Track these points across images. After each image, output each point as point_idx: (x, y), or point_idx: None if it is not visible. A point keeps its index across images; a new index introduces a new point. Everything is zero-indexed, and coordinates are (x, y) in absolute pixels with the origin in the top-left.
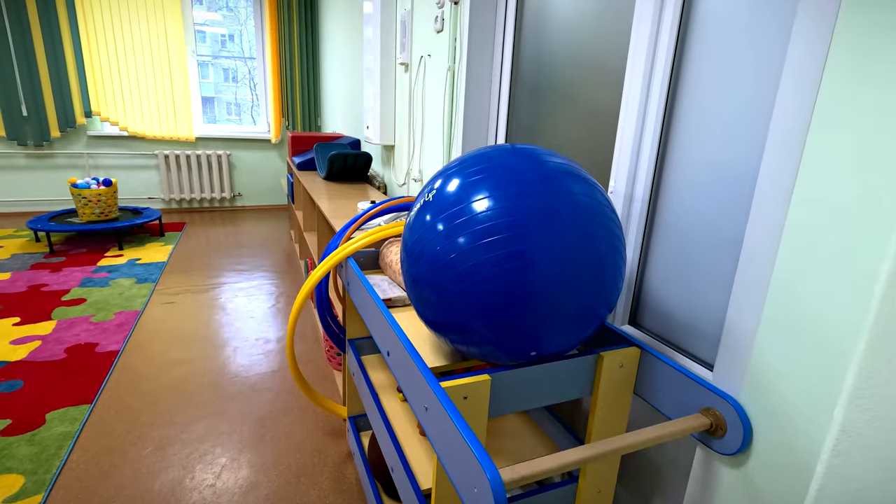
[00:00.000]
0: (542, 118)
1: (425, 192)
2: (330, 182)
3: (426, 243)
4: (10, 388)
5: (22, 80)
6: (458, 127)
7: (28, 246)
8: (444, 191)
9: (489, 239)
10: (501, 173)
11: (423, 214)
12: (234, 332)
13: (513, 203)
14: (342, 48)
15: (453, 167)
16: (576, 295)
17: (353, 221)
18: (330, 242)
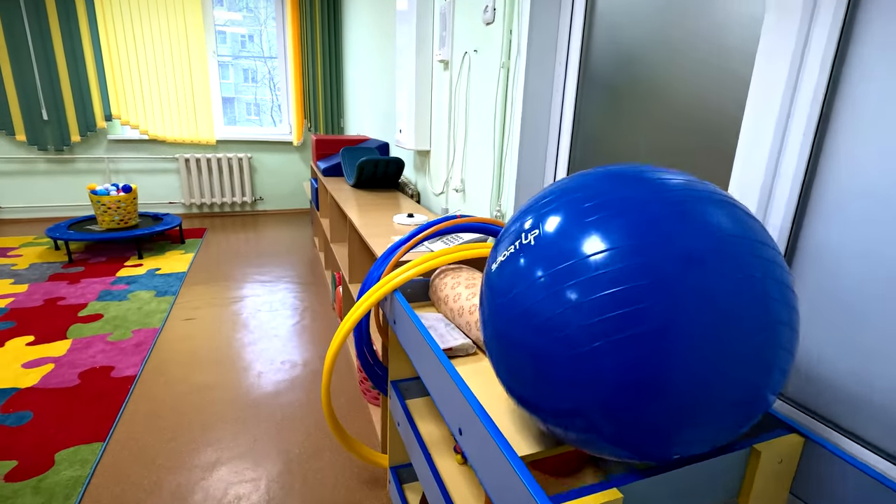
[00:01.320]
0: (618, 123)
1: (521, 229)
2: (358, 190)
3: (527, 301)
4: (18, 420)
5: (42, 83)
6: (514, 131)
7: (47, 254)
8: (550, 235)
9: (620, 311)
10: (622, 211)
11: (523, 261)
12: (257, 353)
13: (646, 257)
14: (368, 47)
15: (555, 200)
16: (737, 376)
17: (398, 246)
18: (371, 270)
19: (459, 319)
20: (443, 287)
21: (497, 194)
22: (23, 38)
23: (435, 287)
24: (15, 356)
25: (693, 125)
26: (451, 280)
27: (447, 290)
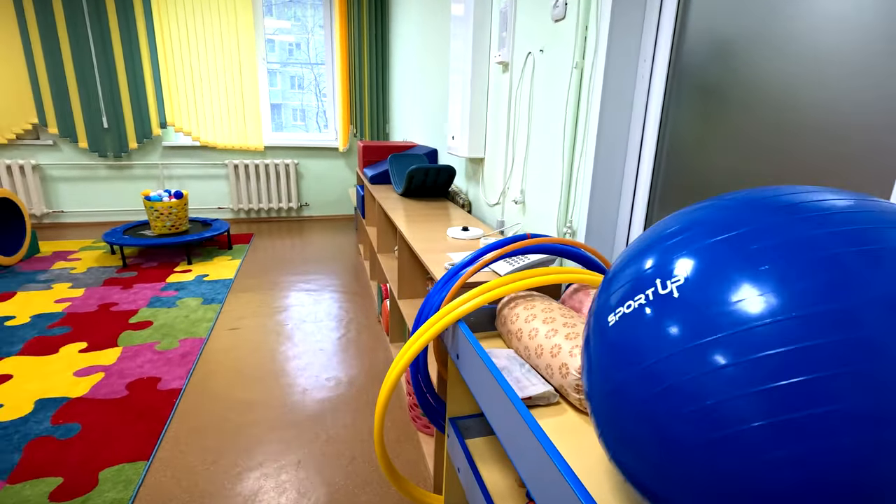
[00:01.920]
0: (714, 128)
1: (652, 274)
2: (407, 199)
3: (672, 375)
4: (66, 433)
5: (104, 93)
6: (588, 139)
7: (103, 259)
8: (702, 285)
9: (820, 410)
10: (805, 260)
11: (661, 319)
12: (301, 368)
13: (849, 333)
14: (416, 52)
15: (698, 237)
16: None
17: (460, 268)
18: (430, 295)
19: (537, 360)
20: (514, 319)
21: (566, 209)
22: (87, 52)
23: (504, 317)
24: (68, 363)
25: (821, 135)
26: (524, 311)
27: (520, 322)
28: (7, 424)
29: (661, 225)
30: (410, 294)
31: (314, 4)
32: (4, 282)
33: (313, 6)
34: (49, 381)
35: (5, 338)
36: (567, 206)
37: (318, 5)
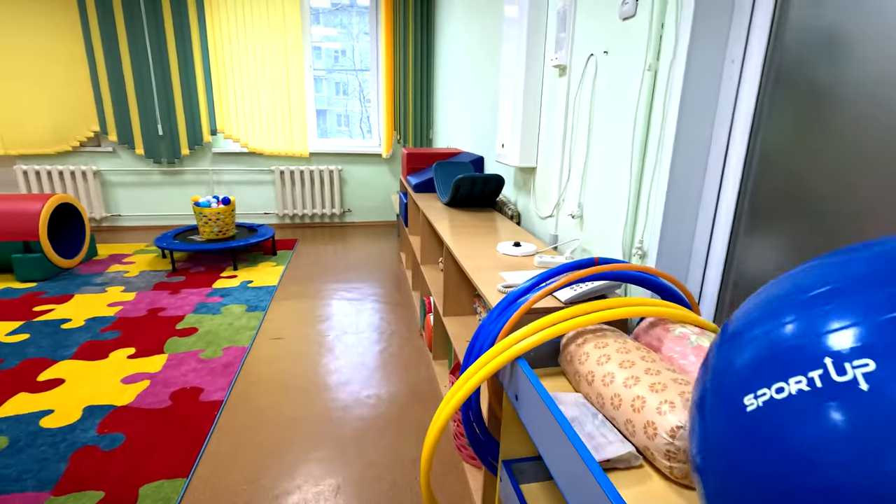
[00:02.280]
0: (825, 141)
1: (823, 350)
2: (452, 208)
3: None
4: (111, 443)
5: (159, 102)
6: (663, 149)
7: (155, 262)
8: None
9: None
10: None
11: (847, 420)
12: (342, 382)
13: None
14: (463, 58)
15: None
16: None
17: (519, 295)
18: (484, 324)
19: (614, 412)
20: (582, 358)
21: (633, 226)
22: (145, 63)
23: (570, 355)
24: (116, 369)
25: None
26: (596, 350)
27: (590, 364)
28: (56, 432)
29: (804, 276)
30: (456, 311)
31: (360, 12)
32: (64, 284)
33: (359, 14)
34: (98, 387)
35: (61, 340)
36: (634, 223)
37: (363, 13)
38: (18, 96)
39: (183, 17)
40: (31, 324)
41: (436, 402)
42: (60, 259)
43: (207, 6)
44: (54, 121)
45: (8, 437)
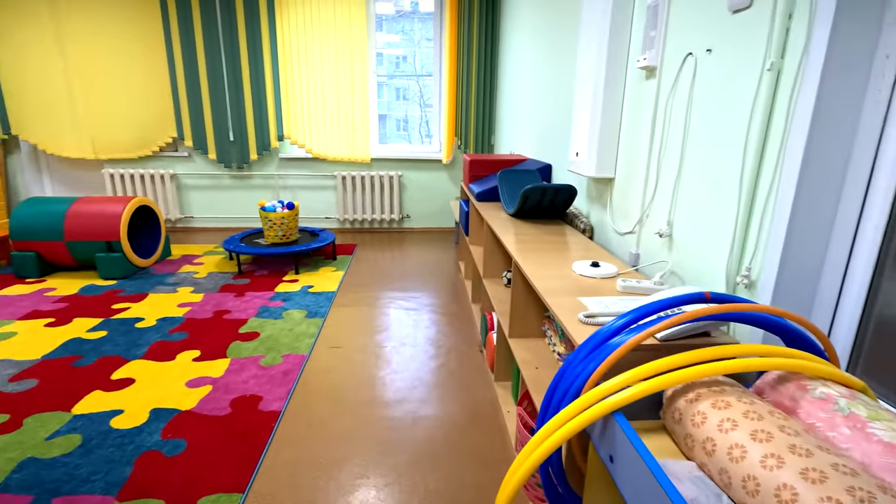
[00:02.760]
0: None
1: None
2: (518, 219)
3: None
4: (173, 449)
5: (231, 109)
6: (787, 164)
7: (222, 264)
8: None
9: None
10: None
11: None
12: (399, 399)
13: None
14: (529, 62)
15: None
16: None
17: (612, 334)
18: (569, 363)
19: (749, 499)
20: (697, 419)
21: (740, 252)
22: (220, 73)
23: (679, 412)
24: (182, 371)
25: None
26: (715, 412)
27: (709, 428)
28: (124, 433)
29: None
30: (523, 332)
31: (422, 18)
32: (140, 283)
33: (421, 20)
34: (164, 389)
35: (134, 339)
36: (742, 249)
37: (426, 19)
38: (109, 106)
39: (255, 29)
40: (109, 321)
41: (497, 429)
42: (138, 258)
43: (278, 17)
44: (138, 128)
45: (81, 436)
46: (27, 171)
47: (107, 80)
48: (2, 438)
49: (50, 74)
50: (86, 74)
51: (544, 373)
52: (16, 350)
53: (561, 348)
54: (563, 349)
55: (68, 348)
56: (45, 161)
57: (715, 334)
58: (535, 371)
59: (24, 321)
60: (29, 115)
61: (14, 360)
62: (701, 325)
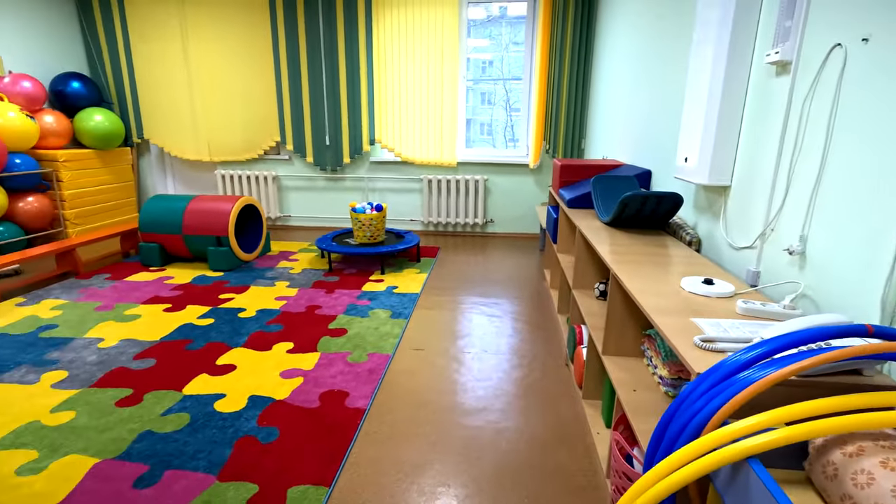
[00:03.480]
0: None
1: None
2: (613, 228)
3: None
4: (267, 436)
5: (328, 115)
6: None
7: (315, 261)
8: None
9: None
10: None
11: None
12: (481, 408)
13: None
14: (630, 63)
15: None
16: None
17: (742, 366)
18: (686, 395)
19: None
20: (860, 479)
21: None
22: (320, 81)
23: (834, 468)
24: (277, 362)
25: None
26: (886, 473)
27: (878, 492)
28: (226, 416)
29: None
30: (620, 351)
31: (510, 22)
32: (243, 275)
33: (509, 24)
34: (261, 377)
35: (237, 328)
36: None
37: (514, 23)
38: (223, 113)
39: (353, 39)
40: (216, 310)
41: (585, 450)
42: (242, 253)
43: (375, 27)
44: (246, 133)
45: (190, 415)
46: (155, 170)
47: (222, 90)
48: (127, 410)
49: (176, 85)
50: (205, 85)
51: (643, 396)
52: (140, 331)
53: (663, 371)
54: (665, 372)
55: (182, 332)
56: (169, 162)
57: (868, 373)
58: (633, 394)
59: (147, 305)
60: (158, 121)
61: (138, 339)
62: (853, 361)
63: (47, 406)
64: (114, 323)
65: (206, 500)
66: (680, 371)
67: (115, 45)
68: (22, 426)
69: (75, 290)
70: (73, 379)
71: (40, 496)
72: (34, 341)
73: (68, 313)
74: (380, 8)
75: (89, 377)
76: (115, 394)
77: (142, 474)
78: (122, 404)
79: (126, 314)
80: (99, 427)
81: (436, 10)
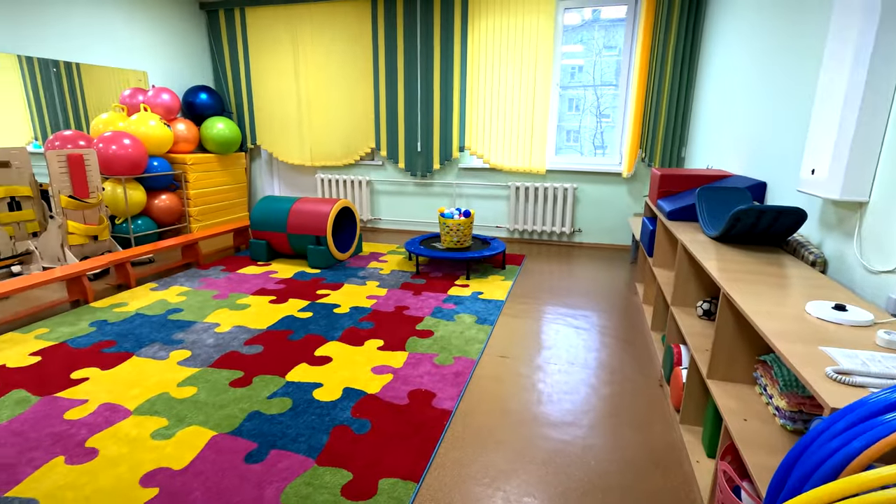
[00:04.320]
0: None
1: None
2: (720, 243)
3: None
4: (360, 427)
5: (421, 123)
6: None
7: (404, 263)
8: None
9: None
10: None
11: None
12: (567, 420)
13: None
14: (743, 67)
15: None
16: None
17: (889, 407)
18: (816, 434)
19: None
20: None
21: None
22: (415, 90)
23: None
24: (368, 358)
25: None
26: None
27: None
28: (324, 405)
29: None
30: (728, 376)
31: (603, 26)
32: (338, 273)
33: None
34: (354, 371)
35: (332, 322)
36: None
37: (608, 27)
38: (325, 121)
39: (448, 48)
40: (314, 304)
41: (683, 479)
42: (338, 252)
43: (470, 35)
44: (345, 140)
45: (292, 400)
46: (263, 173)
47: (326, 100)
48: (239, 390)
49: (286, 96)
50: (311, 95)
51: (755, 427)
52: (249, 319)
53: (781, 402)
54: (783, 404)
55: (284, 323)
56: (276, 166)
57: None
58: (743, 423)
59: (255, 296)
60: (268, 129)
61: (248, 327)
62: None
63: (174, 381)
64: (227, 310)
65: (306, 482)
66: (801, 404)
67: (236, 60)
68: (154, 396)
69: (196, 279)
70: (195, 358)
71: (171, 459)
72: (164, 322)
73: (191, 299)
74: (475, 19)
75: (208, 358)
76: (228, 375)
77: (251, 450)
78: (235, 385)
79: (238, 303)
80: (216, 404)
81: (531, 18)
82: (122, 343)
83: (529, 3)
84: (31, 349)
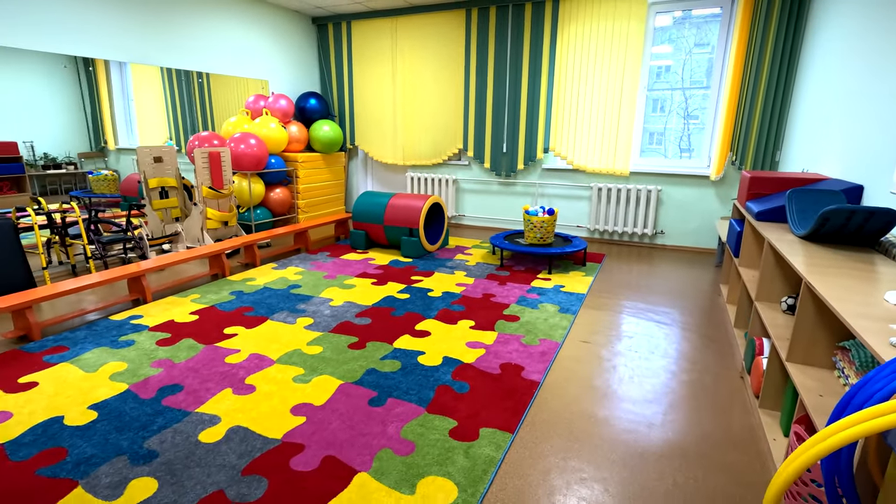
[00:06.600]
0: None
1: None
2: (809, 243)
3: None
4: (460, 388)
5: (507, 125)
6: None
7: (487, 257)
8: None
9: None
10: None
11: None
12: (648, 399)
13: None
14: (851, 69)
15: None
16: None
17: None
18: (873, 377)
19: None
20: None
21: None
22: (503, 94)
23: None
24: (461, 334)
25: None
26: None
27: None
28: (427, 368)
29: None
30: (807, 360)
31: (694, 24)
32: (428, 263)
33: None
34: (450, 344)
35: (428, 304)
36: None
37: (699, 24)
38: (416, 123)
39: (538, 52)
40: (410, 288)
41: (757, 452)
42: (427, 244)
43: (559, 40)
44: (435, 140)
45: (401, 363)
46: (359, 171)
47: (419, 104)
48: (356, 352)
49: (383, 100)
50: (406, 99)
51: (829, 402)
52: (357, 297)
53: (857, 380)
54: None
55: (386, 302)
56: (370, 164)
57: None
58: (818, 398)
59: (359, 278)
60: (365, 130)
61: (357, 302)
62: None
63: (304, 340)
64: (338, 289)
65: (420, 423)
66: None
67: (341, 67)
68: (290, 351)
69: (307, 262)
70: (317, 325)
71: (311, 397)
72: (288, 295)
73: (306, 278)
74: (565, 24)
75: (328, 325)
76: (346, 339)
77: (372, 397)
78: (353, 347)
79: (345, 283)
80: (339, 360)
81: (622, 23)
82: (258, 309)
83: (621, 9)
84: (190, 309)
